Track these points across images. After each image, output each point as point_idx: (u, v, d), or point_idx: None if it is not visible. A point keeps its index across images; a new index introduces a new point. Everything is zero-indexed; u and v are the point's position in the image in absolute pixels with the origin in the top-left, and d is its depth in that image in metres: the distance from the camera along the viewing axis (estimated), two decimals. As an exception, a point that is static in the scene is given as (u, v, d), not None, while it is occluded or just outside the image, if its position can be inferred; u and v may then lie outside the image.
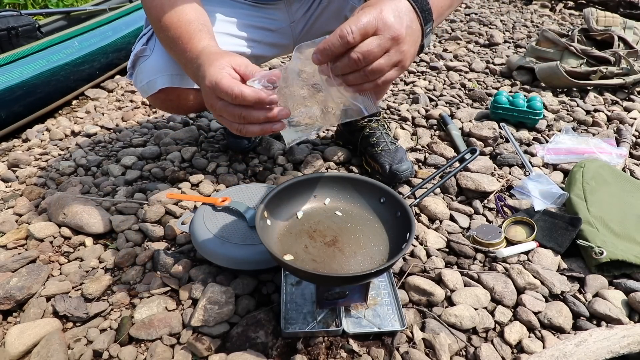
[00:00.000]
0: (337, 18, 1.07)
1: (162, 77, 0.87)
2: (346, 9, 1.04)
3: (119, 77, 2.02)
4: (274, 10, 1.04)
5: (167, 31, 0.76)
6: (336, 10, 1.06)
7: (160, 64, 0.87)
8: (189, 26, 0.74)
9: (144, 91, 0.90)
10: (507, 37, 2.56)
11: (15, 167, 1.28)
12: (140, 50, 0.88)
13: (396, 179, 1.10)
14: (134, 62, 0.90)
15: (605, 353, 0.67)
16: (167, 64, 0.87)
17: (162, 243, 0.96)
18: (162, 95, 0.89)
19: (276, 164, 1.26)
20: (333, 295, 0.71)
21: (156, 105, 0.95)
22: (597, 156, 1.24)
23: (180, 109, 0.96)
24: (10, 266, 0.87)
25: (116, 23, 2.05)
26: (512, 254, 0.91)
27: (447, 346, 0.72)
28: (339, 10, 1.05)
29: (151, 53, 0.87)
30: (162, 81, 0.87)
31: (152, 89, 0.88)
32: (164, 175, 1.19)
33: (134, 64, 0.90)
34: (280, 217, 0.79)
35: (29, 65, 1.55)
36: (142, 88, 0.90)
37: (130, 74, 0.92)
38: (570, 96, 1.73)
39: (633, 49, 1.83)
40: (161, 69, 0.86)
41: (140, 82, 0.89)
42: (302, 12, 1.07)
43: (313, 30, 1.11)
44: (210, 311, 0.74)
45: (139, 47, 0.89)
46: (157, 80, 0.87)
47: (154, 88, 0.88)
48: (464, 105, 1.65)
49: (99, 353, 0.72)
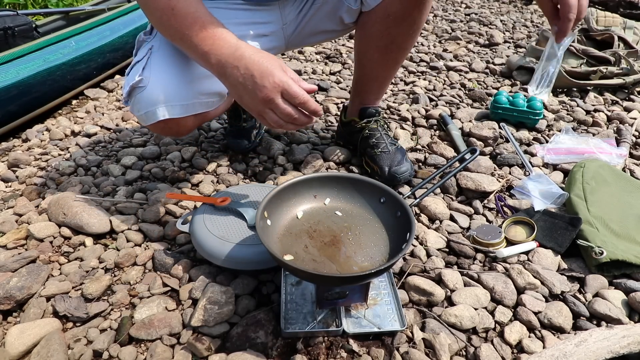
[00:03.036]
0: (331, 18, 1.06)
1: (162, 109, 0.84)
2: (341, 10, 1.03)
3: (118, 77, 2.01)
4: (268, 12, 1.03)
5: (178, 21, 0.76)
6: (330, 11, 1.05)
7: (159, 95, 0.84)
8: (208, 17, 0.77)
9: (142, 120, 0.87)
10: (507, 37, 2.56)
11: (15, 167, 1.28)
12: (136, 82, 0.84)
13: (395, 181, 1.10)
14: (130, 92, 0.87)
15: (605, 353, 0.68)
16: (166, 95, 0.84)
17: (162, 243, 0.96)
18: (161, 124, 0.87)
19: (276, 164, 1.26)
20: (333, 295, 0.71)
21: (155, 131, 0.93)
22: (597, 156, 1.24)
23: (180, 133, 0.94)
24: (10, 266, 0.87)
25: (114, 23, 2.05)
26: (512, 254, 0.91)
27: (447, 346, 0.72)
28: (334, 11, 1.04)
29: (148, 83, 0.84)
30: (162, 112, 0.84)
31: (152, 120, 0.86)
32: (164, 175, 1.19)
33: (130, 93, 0.87)
34: (280, 217, 0.79)
35: (25, 64, 1.55)
36: (141, 117, 0.87)
37: (126, 101, 0.88)
38: (570, 96, 1.73)
39: (633, 49, 1.83)
40: (160, 100, 0.84)
41: (138, 111, 0.87)
42: (295, 13, 1.06)
43: (305, 31, 1.10)
44: (210, 311, 0.74)
45: (134, 77, 0.85)
46: (157, 112, 0.84)
47: (153, 119, 0.85)
48: (464, 105, 1.65)
49: (99, 353, 0.72)
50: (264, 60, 0.72)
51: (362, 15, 1.05)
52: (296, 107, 0.73)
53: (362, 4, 1.01)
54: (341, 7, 1.03)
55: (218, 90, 0.92)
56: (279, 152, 1.29)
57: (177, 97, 0.85)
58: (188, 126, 0.92)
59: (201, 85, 0.88)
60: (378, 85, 1.20)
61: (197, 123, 0.95)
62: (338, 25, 1.09)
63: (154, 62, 0.86)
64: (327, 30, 1.11)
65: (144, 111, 0.85)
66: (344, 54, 2.22)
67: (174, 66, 0.86)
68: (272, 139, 1.33)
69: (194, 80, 0.87)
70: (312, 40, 1.16)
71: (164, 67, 0.86)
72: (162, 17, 0.78)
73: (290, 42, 1.13)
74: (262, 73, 0.71)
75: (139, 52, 0.92)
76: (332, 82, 1.86)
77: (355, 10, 1.03)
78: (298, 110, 0.73)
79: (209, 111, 0.94)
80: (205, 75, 0.87)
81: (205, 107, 0.91)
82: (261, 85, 0.71)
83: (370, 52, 1.10)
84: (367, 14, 1.03)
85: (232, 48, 0.74)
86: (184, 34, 0.76)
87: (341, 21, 1.07)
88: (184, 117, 0.88)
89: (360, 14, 1.06)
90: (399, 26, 1.01)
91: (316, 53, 2.23)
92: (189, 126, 0.93)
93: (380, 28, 1.02)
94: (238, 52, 0.73)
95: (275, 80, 0.70)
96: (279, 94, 0.71)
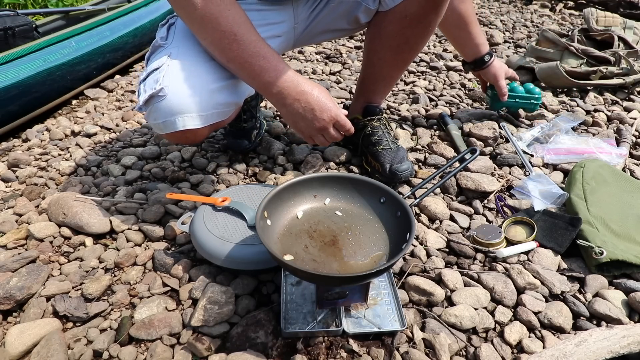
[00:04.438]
0: (345, 18, 1.06)
1: (181, 119, 0.83)
2: (358, 10, 1.04)
3: (118, 77, 2.01)
4: (281, 11, 1.02)
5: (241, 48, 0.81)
6: (345, 11, 1.05)
7: (178, 106, 0.82)
8: (267, 48, 0.84)
9: (159, 129, 0.86)
10: (507, 37, 2.56)
11: (15, 167, 1.27)
12: (156, 91, 0.82)
13: (396, 179, 1.10)
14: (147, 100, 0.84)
15: (605, 353, 0.68)
16: (186, 106, 0.83)
17: (162, 243, 0.96)
18: (179, 134, 0.86)
19: (276, 164, 1.26)
20: (333, 295, 0.71)
21: (170, 139, 0.92)
22: (597, 156, 1.24)
23: (194, 142, 0.94)
24: (10, 266, 0.87)
25: (114, 23, 2.04)
26: (512, 254, 0.91)
27: (447, 346, 0.72)
28: (349, 11, 1.05)
29: (168, 93, 0.82)
30: (182, 123, 0.83)
31: (170, 129, 0.84)
32: (164, 175, 1.19)
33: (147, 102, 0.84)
34: (280, 217, 0.79)
35: (25, 65, 1.55)
36: (157, 125, 0.86)
37: (140, 107, 0.86)
38: (570, 96, 1.73)
39: (633, 49, 1.83)
40: (179, 110, 0.82)
41: (154, 119, 0.85)
42: (308, 12, 1.06)
43: (315, 29, 1.10)
44: (210, 311, 0.74)
45: (153, 85, 0.83)
46: (176, 122, 0.83)
47: (172, 129, 0.84)
48: (464, 105, 1.65)
49: (99, 353, 0.72)
50: (322, 97, 0.87)
51: (377, 14, 1.06)
52: (339, 131, 0.93)
53: (380, 4, 1.02)
54: (358, 7, 1.03)
55: (235, 101, 0.92)
56: (279, 152, 1.29)
57: (197, 108, 0.84)
58: (204, 135, 0.92)
59: (220, 96, 0.87)
60: (385, 85, 1.21)
61: (211, 130, 0.95)
62: (351, 24, 1.09)
63: (174, 71, 0.84)
64: (337, 29, 1.12)
65: (162, 120, 0.84)
66: (344, 54, 2.22)
67: (195, 76, 0.84)
68: (272, 139, 1.33)
69: (214, 91, 0.86)
70: (320, 39, 1.17)
71: (185, 76, 0.84)
72: (222, 40, 0.81)
73: (298, 41, 1.13)
74: (322, 108, 0.87)
75: (156, 58, 0.89)
76: (332, 82, 1.86)
77: (373, 10, 1.04)
78: (340, 133, 0.94)
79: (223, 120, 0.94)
80: (224, 87, 0.87)
81: (221, 117, 0.90)
82: (320, 118, 0.88)
83: (382, 52, 1.10)
84: (384, 13, 1.03)
85: (294, 83, 0.85)
86: (245, 61, 0.82)
87: (356, 21, 1.07)
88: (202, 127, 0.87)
89: (375, 13, 1.06)
90: (414, 27, 1.01)
91: (316, 53, 2.23)
92: (205, 135, 0.92)
93: (395, 28, 1.03)
94: (299, 87, 0.86)
95: (331, 114, 0.88)
96: (332, 124, 0.90)
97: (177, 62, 0.85)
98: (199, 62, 0.86)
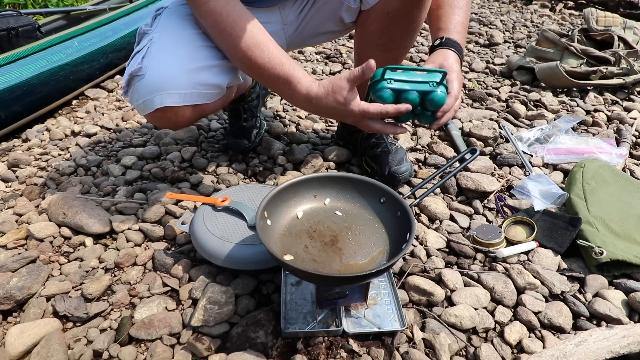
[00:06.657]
0: (331, 19, 1.06)
1: (159, 96, 0.86)
2: (341, 9, 1.04)
3: (118, 77, 2.01)
4: (267, 13, 1.03)
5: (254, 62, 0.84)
6: (330, 12, 1.05)
7: (157, 83, 0.85)
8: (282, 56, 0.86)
9: (141, 109, 0.89)
10: (507, 37, 2.56)
11: (15, 167, 1.27)
12: (135, 69, 0.86)
13: (395, 181, 1.10)
14: (129, 81, 0.88)
15: (605, 353, 0.68)
16: (163, 83, 0.86)
17: (162, 243, 0.96)
18: (159, 114, 0.88)
19: (276, 164, 1.26)
20: (333, 295, 0.71)
21: (153, 122, 0.95)
22: (597, 156, 1.24)
23: (178, 125, 0.95)
24: (10, 266, 0.87)
25: (116, 23, 2.05)
26: (512, 254, 0.91)
27: (447, 346, 0.72)
28: (334, 11, 1.05)
29: (147, 72, 0.85)
30: (160, 100, 0.86)
31: (149, 108, 0.87)
32: (164, 175, 1.19)
33: (129, 82, 0.89)
34: (280, 217, 0.79)
35: (29, 65, 1.55)
36: (139, 106, 0.89)
37: (125, 91, 0.90)
38: (570, 96, 1.73)
39: (633, 49, 1.83)
40: (157, 88, 0.85)
41: (136, 100, 0.88)
42: (295, 14, 1.07)
43: (306, 31, 1.10)
44: (210, 311, 0.74)
45: (134, 66, 0.87)
46: (154, 100, 0.86)
47: (151, 107, 0.87)
48: (464, 105, 1.65)
49: (99, 353, 0.72)
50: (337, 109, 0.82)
51: (361, 14, 1.06)
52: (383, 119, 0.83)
53: (362, 2, 1.01)
54: (341, 6, 1.03)
55: (217, 83, 0.93)
56: (279, 152, 1.29)
57: (175, 86, 0.86)
58: (186, 117, 0.93)
59: (200, 76, 0.89)
60: None
61: (195, 115, 0.95)
62: (338, 25, 1.09)
63: (154, 52, 0.87)
64: (327, 31, 1.12)
65: (142, 100, 0.87)
66: (344, 54, 2.22)
67: (174, 56, 0.87)
68: (272, 139, 1.33)
69: (194, 70, 0.88)
70: (314, 41, 1.17)
71: (164, 56, 0.87)
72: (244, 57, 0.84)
73: (292, 42, 1.13)
74: (342, 117, 0.85)
75: (140, 43, 0.93)
76: (332, 82, 1.86)
77: (355, 9, 1.04)
78: (385, 122, 0.84)
79: (207, 104, 0.94)
80: (205, 67, 0.88)
81: (203, 99, 0.92)
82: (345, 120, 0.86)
83: (370, 51, 1.10)
84: (367, 12, 1.03)
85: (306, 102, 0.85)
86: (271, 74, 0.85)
87: (341, 21, 1.07)
88: (182, 107, 0.89)
89: (359, 13, 1.06)
90: (398, 24, 1.01)
91: (316, 53, 2.23)
92: (187, 117, 0.93)
93: (379, 26, 1.02)
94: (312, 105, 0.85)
95: (354, 118, 0.82)
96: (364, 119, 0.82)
97: (158, 44, 0.88)
98: (178, 45, 0.88)
